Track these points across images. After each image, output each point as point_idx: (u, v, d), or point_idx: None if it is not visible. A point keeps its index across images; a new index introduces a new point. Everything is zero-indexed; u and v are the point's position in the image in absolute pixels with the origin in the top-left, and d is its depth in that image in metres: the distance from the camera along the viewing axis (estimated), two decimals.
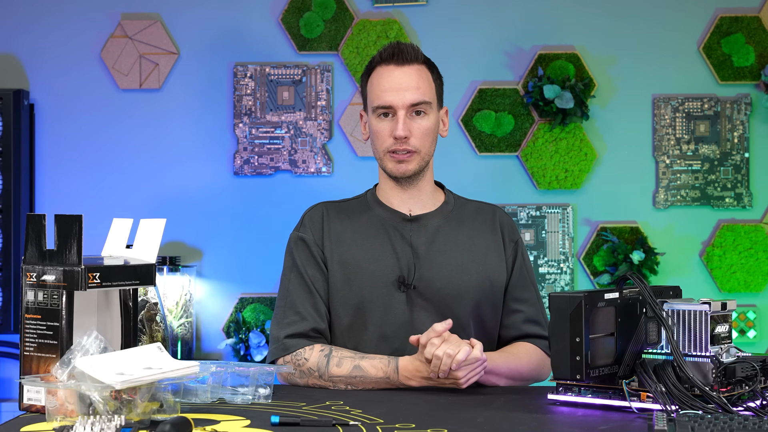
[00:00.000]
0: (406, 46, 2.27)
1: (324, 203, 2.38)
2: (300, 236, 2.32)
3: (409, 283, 2.25)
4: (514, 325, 2.32)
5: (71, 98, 3.80)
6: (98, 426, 1.58)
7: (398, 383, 2.10)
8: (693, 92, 3.79)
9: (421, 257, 2.27)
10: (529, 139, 3.78)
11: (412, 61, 2.27)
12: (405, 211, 2.32)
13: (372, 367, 2.12)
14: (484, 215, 2.37)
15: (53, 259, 1.78)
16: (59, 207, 3.72)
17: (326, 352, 2.17)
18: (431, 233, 2.30)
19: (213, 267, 3.79)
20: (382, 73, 2.27)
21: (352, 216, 2.33)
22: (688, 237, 3.79)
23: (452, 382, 2.06)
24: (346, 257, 2.28)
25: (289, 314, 2.25)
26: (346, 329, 2.26)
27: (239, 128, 3.78)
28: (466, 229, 2.33)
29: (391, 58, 2.26)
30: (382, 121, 2.26)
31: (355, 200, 2.39)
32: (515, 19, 3.81)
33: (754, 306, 3.77)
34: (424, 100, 2.25)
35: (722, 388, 1.76)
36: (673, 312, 1.82)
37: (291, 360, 2.19)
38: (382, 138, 2.26)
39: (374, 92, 2.27)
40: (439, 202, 2.36)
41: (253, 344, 3.66)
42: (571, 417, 1.78)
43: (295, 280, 2.28)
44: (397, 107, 2.24)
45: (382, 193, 2.35)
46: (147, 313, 2.15)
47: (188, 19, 3.81)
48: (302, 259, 2.29)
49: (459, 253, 2.29)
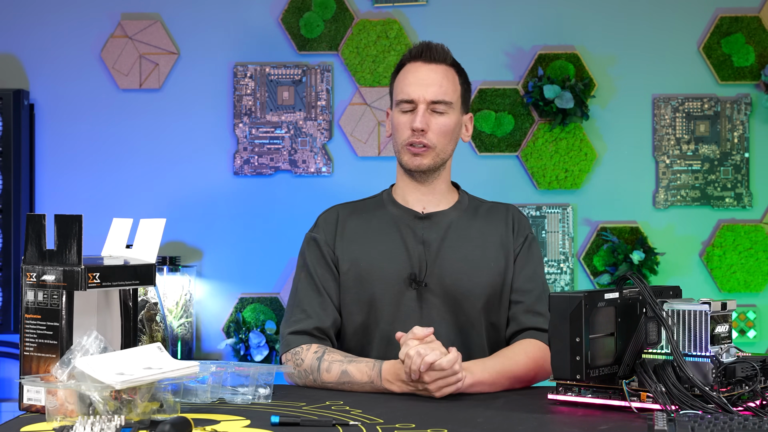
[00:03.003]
0: (436, 46, 2.33)
1: (340, 205, 2.42)
2: (312, 236, 2.35)
3: (420, 280, 2.25)
4: (514, 317, 2.30)
5: (71, 98, 3.80)
6: (98, 426, 1.58)
7: (381, 387, 2.08)
8: (693, 92, 3.79)
9: (433, 255, 2.28)
10: (529, 139, 3.78)
11: (440, 60, 2.32)
12: (419, 209, 2.33)
13: (358, 371, 2.11)
14: (497, 213, 2.38)
15: (53, 259, 1.78)
16: (59, 207, 3.72)
17: (319, 355, 2.17)
18: (443, 231, 2.31)
19: (213, 267, 3.79)
20: (409, 69, 2.32)
21: (366, 215, 2.36)
22: (688, 237, 3.79)
23: (424, 388, 2.01)
24: (357, 255, 2.29)
25: (296, 312, 2.28)
26: (359, 327, 2.28)
27: (239, 128, 3.78)
28: (478, 227, 2.34)
29: (419, 55, 2.32)
30: (404, 114, 2.30)
31: (371, 200, 2.42)
32: (515, 19, 3.81)
33: (754, 306, 3.77)
34: (445, 99, 2.28)
35: (722, 388, 1.76)
36: (673, 312, 1.82)
37: (291, 359, 2.21)
38: (401, 130, 2.30)
39: (399, 87, 2.32)
40: (453, 201, 2.37)
41: (253, 344, 3.66)
42: (571, 417, 1.78)
43: (304, 279, 2.31)
44: (418, 101, 2.27)
45: (398, 190, 2.37)
46: (147, 313, 2.15)
47: (188, 19, 3.81)
48: (312, 259, 2.32)
49: (470, 251, 2.30)
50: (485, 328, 2.29)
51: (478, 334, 2.28)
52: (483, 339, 2.29)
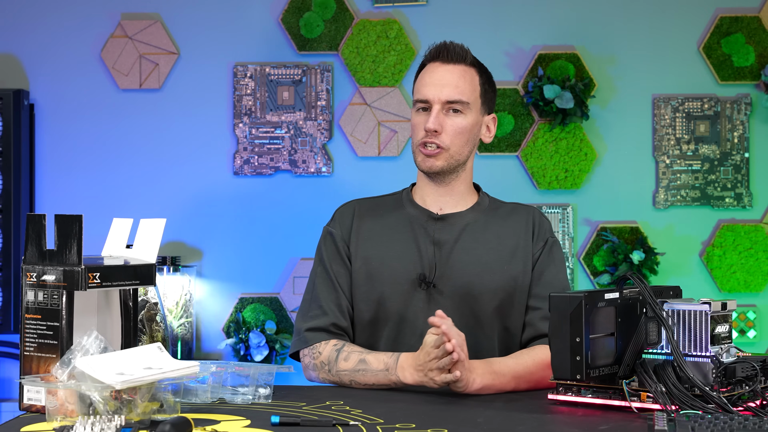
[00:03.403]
0: (455, 46, 2.30)
1: (358, 200, 2.41)
2: (329, 231, 2.36)
3: (429, 281, 2.25)
4: (531, 323, 2.28)
5: (71, 98, 3.80)
6: (98, 426, 1.58)
7: (394, 375, 2.09)
8: (693, 92, 3.79)
9: (444, 255, 2.27)
10: (529, 139, 3.78)
11: (458, 60, 2.29)
12: (435, 209, 2.33)
13: (375, 359, 2.13)
14: (517, 216, 2.36)
15: (53, 259, 1.78)
16: (59, 207, 3.72)
17: (338, 347, 2.19)
18: (457, 232, 2.30)
19: (213, 267, 3.79)
20: (428, 70, 2.31)
21: (383, 213, 2.36)
22: (688, 237, 3.79)
23: (430, 378, 2.02)
24: (369, 253, 2.30)
25: (313, 308, 2.29)
26: (367, 324, 2.29)
27: (239, 128, 3.77)
28: (495, 229, 2.32)
29: (437, 55, 2.30)
30: (420, 114, 2.29)
31: (390, 197, 2.42)
32: (515, 19, 3.81)
33: (754, 306, 3.77)
34: (461, 99, 2.26)
35: (722, 388, 1.76)
36: (673, 312, 1.82)
37: (308, 353, 2.23)
38: (416, 131, 2.30)
39: (416, 87, 2.32)
40: (472, 202, 2.36)
41: (253, 344, 3.66)
42: (571, 417, 1.78)
43: (321, 274, 2.32)
44: (432, 101, 2.26)
45: (417, 190, 2.37)
46: (147, 313, 2.15)
47: (188, 19, 3.81)
48: (329, 254, 2.33)
49: (484, 253, 2.28)
50: (497, 332, 2.28)
51: (488, 338, 2.27)
52: (494, 342, 2.27)
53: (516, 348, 2.28)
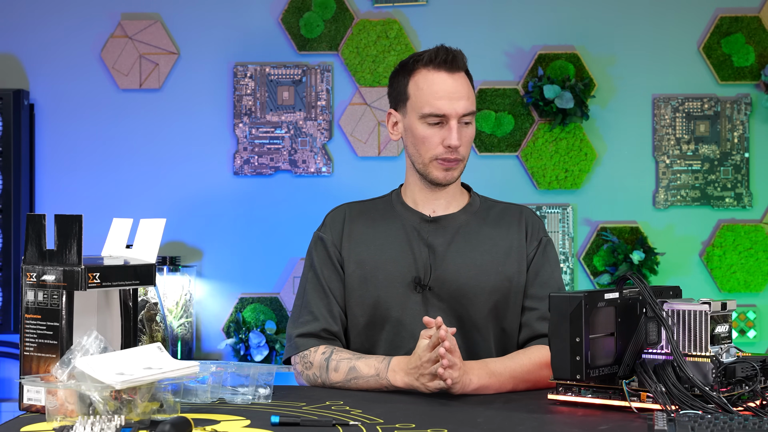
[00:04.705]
0: (457, 54, 2.25)
1: (348, 204, 2.39)
2: (320, 236, 2.34)
3: (424, 284, 2.24)
4: (527, 324, 2.27)
5: (71, 98, 3.80)
6: (98, 426, 1.58)
7: (385, 379, 2.08)
8: (693, 92, 3.79)
9: (438, 258, 2.26)
10: (529, 139, 3.78)
11: (461, 68, 2.25)
12: (428, 211, 2.31)
13: (366, 365, 2.12)
14: (510, 216, 2.35)
15: (53, 259, 1.78)
16: (59, 207, 3.72)
17: (327, 355, 2.17)
18: (451, 234, 2.29)
19: (213, 267, 3.79)
20: (434, 80, 2.23)
21: (374, 216, 2.34)
22: (688, 237, 3.79)
23: (422, 383, 2.01)
24: (363, 257, 2.28)
25: (304, 314, 2.27)
26: (363, 329, 2.27)
27: (239, 128, 3.78)
28: (488, 230, 2.31)
29: (443, 64, 2.23)
30: (431, 128, 2.23)
31: (380, 200, 2.39)
32: (515, 19, 3.81)
33: (754, 306, 3.77)
34: (473, 110, 2.25)
35: (722, 388, 1.76)
36: (673, 312, 1.82)
37: (299, 361, 2.22)
38: (430, 145, 2.24)
39: (423, 97, 2.23)
40: (464, 203, 2.35)
41: (253, 344, 3.66)
42: (571, 417, 1.78)
43: (312, 280, 2.30)
44: (450, 116, 2.21)
45: (408, 193, 2.34)
46: (147, 313, 2.15)
47: (188, 19, 3.81)
48: (319, 259, 2.31)
49: (478, 254, 2.27)
50: (493, 334, 2.27)
51: (485, 339, 2.26)
52: (490, 344, 2.27)
53: (513, 349, 2.27)
